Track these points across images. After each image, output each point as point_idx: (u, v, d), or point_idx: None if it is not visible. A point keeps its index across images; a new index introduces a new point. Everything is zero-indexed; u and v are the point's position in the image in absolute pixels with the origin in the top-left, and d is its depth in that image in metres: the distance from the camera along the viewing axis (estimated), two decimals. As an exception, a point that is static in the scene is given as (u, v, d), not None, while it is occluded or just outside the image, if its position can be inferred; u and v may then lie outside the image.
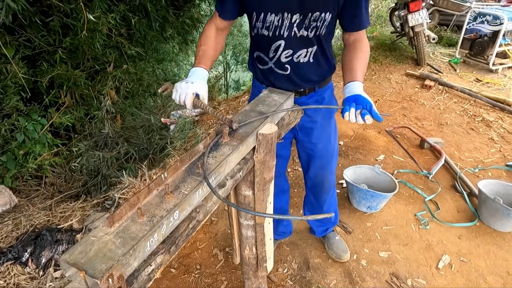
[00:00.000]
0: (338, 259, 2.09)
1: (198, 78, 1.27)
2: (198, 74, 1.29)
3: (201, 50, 1.38)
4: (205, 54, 1.37)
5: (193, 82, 1.23)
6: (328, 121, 1.69)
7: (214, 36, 1.43)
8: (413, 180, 2.80)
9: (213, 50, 1.41)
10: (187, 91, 1.21)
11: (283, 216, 0.86)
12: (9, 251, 2.15)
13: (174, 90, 1.25)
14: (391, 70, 5.09)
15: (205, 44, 1.39)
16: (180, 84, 1.24)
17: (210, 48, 1.40)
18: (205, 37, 1.42)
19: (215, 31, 1.44)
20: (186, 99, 1.20)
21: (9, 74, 2.72)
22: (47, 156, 3.00)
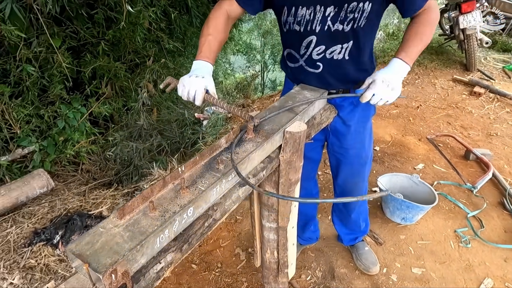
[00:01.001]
0: (366, 271, 1.96)
1: (206, 72, 1.16)
2: (204, 68, 1.18)
3: (207, 41, 1.23)
4: (210, 46, 1.23)
5: (203, 76, 1.13)
6: (363, 126, 1.56)
7: (224, 25, 1.28)
8: (455, 193, 2.59)
9: (219, 42, 1.27)
10: (197, 86, 1.11)
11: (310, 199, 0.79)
12: (43, 232, 2.25)
13: (180, 85, 1.14)
14: (436, 75, 4.78)
15: (212, 34, 1.24)
16: (188, 78, 1.13)
17: (217, 39, 1.25)
18: (213, 25, 1.26)
19: (225, 19, 1.28)
20: (196, 95, 1.11)
21: (55, 63, 2.85)
22: (85, 144, 3.12)
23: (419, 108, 3.90)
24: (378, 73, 1.19)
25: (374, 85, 1.17)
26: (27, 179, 2.48)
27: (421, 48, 1.23)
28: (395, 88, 1.16)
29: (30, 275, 1.97)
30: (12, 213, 2.42)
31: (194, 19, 3.90)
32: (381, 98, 1.17)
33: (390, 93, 1.16)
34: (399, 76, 1.18)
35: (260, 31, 12.45)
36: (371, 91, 1.17)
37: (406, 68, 1.19)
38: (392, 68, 1.19)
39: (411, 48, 1.21)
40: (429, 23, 1.22)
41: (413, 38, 1.22)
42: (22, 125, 2.79)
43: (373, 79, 1.19)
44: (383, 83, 1.16)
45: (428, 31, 1.23)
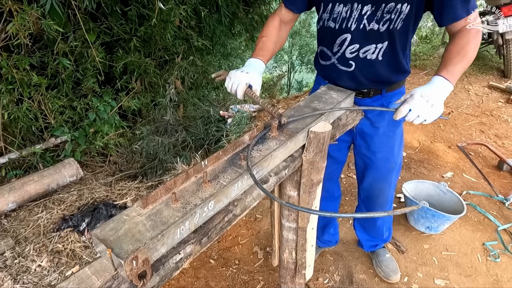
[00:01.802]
0: (386, 279, 1.92)
1: (254, 69, 1.23)
2: (254, 65, 1.26)
3: (261, 42, 1.34)
4: (264, 46, 1.32)
5: (248, 72, 1.19)
6: (393, 130, 1.51)
7: (277, 29, 1.38)
8: (485, 204, 2.47)
9: (273, 43, 1.36)
10: (240, 80, 1.17)
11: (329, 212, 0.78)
12: (70, 219, 2.34)
13: (228, 77, 1.22)
14: (470, 81, 4.59)
15: (266, 36, 1.35)
16: (235, 72, 1.20)
17: (270, 40, 1.35)
18: (267, 29, 1.37)
19: (278, 24, 1.39)
20: (238, 88, 1.17)
21: (89, 58, 2.97)
22: (113, 136, 3.22)
23: (450, 114, 3.76)
24: (418, 88, 1.11)
25: (412, 99, 1.09)
26: (58, 167, 2.60)
27: (465, 66, 1.15)
28: (435, 105, 1.07)
29: (57, 259, 2.06)
30: (44, 199, 2.54)
31: (223, 18, 3.94)
32: (419, 115, 1.08)
33: (429, 110, 1.07)
34: (441, 93, 1.09)
35: (289, 32, 12.38)
36: (407, 106, 1.09)
37: (448, 87, 1.11)
38: (433, 85, 1.11)
39: (453, 66, 1.13)
40: (472, 41, 1.15)
41: (456, 55, 1.14)
42: (56, 116, 2.92)
43: (411, 93, 1.11)
44: (422, 98, 1.07)
45: (472, 49, 1.14)
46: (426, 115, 1.08)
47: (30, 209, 2.46)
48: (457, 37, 1.16)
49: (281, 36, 1.42)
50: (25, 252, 2.09)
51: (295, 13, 1.39)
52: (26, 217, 2.39)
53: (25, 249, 2.11)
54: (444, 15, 1.15)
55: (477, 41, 1.15)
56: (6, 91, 2.59)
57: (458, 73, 1.13)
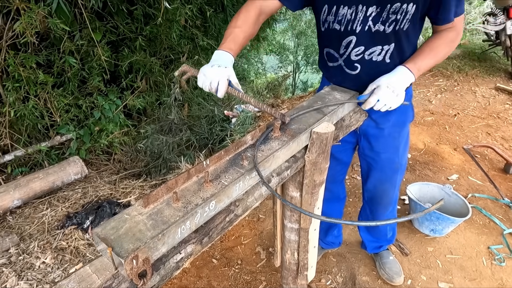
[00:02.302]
0: (390, 281, 1.90)
1: (227, 63, 1.10)
2: (226, 58, 1.12)
3: (233, 33, 1.19)
4: (235, 39, 1.18)
5: (226, 66, 1.07)
6: (399, 132, 1.49)
7: (253, 21, 1.23)
8: (490, 207, 2.45)
9: (245, 36, 1.22)
10: (220, 76, 1.05)
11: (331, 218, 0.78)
12: (75, 217, 2.36)
13: (201, 75, 1.09)
14: (477, 82, 4.54)
15: (240, 27, 1.20)
16: (209, 68, 1.07)
17: (243, 32, 1.21)
18: (245, 18, 1.22)
19: (256, 14, 1.24)
20: (220, 86, 1.06)
21: (95, 56, 2.98)
22: (118, 135, 3.24)
23: (456, 116, 3.73)
24: (382, 78, 1.18)
25: (379, 90, 1.16)
26: (63, 165, 2.62)
27: (432, 64, 1.23)
28: (399, 94, 1.16)
29: (61, 256, 2.08)
30: (48, 196, 2.57)
31: (229, 18, 3.94)
32: (385, 104, 1.16)
33: (394, 99, 1.16)
34: (403, 83, 1.17)
35: (294, 32, 12.38)
36: (375, 97, 1.17)
37: (410, 78, 1.18)
38: (396, 74, 1.18)
39: (421, 61, 1.20)
40: (449, 42, 1.21)
41: (427, 52, 1.21)
42: (62, 114, 2.94)
43: (377, 84, 1.18)
44: (388, 88, 1.15)
45: (445, 49, 1.22)
46: (391, 103, 1.17)
47: (35, 206, 2.48)
48: (437, 35, 1.22)
49: (255, 28, 1.26)
50: (29, 249, 2.10)
51: (286, 6, 1.29)
52: (31, 214, 2.41)
53: (29, 245, 2.13)
54: (440, 15, 1.17)
55: (452, 43, 1.21)
56: (13, 89, 2.61)
57: (423, 68, 1.20)
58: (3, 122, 2.71)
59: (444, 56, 1.23)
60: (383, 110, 1.18)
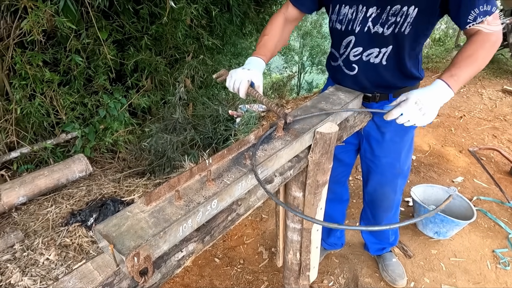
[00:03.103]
0: (392, 283, 1.89)
1: (255, 67, 1.21)
2: (255, 63, 1.23)
3: (263, 40, 1.31)
4: (266, 45, 1.30)
5: (250, 69, 1.18)
6: (401, 136, 1.47)
7: (281, 27, 1.35)
8: (496, 210, 2.42)
9: (275, 42, 1.33)
10: (242, 78, 1.15)
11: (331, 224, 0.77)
12: (79, 214, 2.38)
13: (229, 76, 1.20)
14: (484, 84, 4.51)
15: (269, 34, 1.32)
16: (236, 70, 1.19)
17: (272, 39, 1.32)
18: (271, 27, 1.34)
19: (283, 22, 1.36)
20: (240, 86, 1.15)
21: (101, 55, 3.01)
22: (123, 133, 3.26)
23: (462, 118, 3.70)
24: (415, 92, 1.07)
25: (405, 104, 1.06)
26: (68, 162, 2.64)
27: (473, 73, 1.08)
28: (427, 113, 1.04)
29: (64, 253, 2.09)
30: (53, 194, 2.58)
31: (234, 18, 3.95)
32: (409, 120, 1.06)
33: (420, 118, 1.05)
34: (437, 100, 1.05)
35: (300, 32, 12.36)
36: (399, 110, 1.06)
37: (449, 93, 1.05)
38: (431, 90, 1.06)
39: (459, 71, 1.06)
40: (486, 45, 1.07)
41: (465, 60, 1.07)
42: (68, 112, 2.97)
43: (406, 97, 1.07)
44: (416, 105, 1.04)
45: (484, 54, 1.07)
46: (416, 121, 1.07)
47: (40, 203, 2.50)
48: (472, 40, 1.09)
49: (284, 35, 1.38)
50: (34, 245, 2.12)
51: (302, 11, 1.37)
52: (36, 210, 2.43)
53: (34, 242, 2.14)
54: (462, 17, 1.07)
55: (491, 47, 1.07)
56: (20, 86, 2.64)
57: (463, 78, 1.07)
58: (9, 119, 2.73)
59: (484, 61, 1.08)
60: (406, 125, 1.08)
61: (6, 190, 2.29)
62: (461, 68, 1.06)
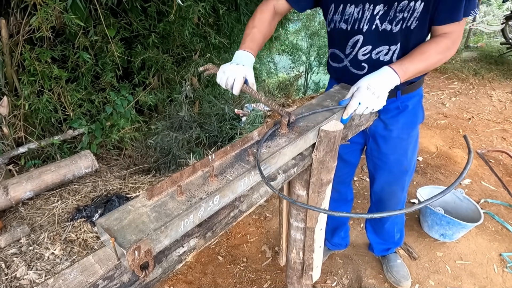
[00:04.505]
0: (396, 284, 1.87)
1: (247, 62, 1.15)
2: (246, 58, 1.17)
3: (251, 33, 1.25)
4: (254, 38, 1.24)
5: (244, 65, 1.12)
6: (408, 133, 1.47)
7: (269, 21, 1.29)
8: (503, 214, 2.39)
9: (263, 35, 1.28)
10: (236, 74, 1.09)
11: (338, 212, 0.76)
12: (84, 210, 2.39)
13: (221, 72, 1.13)
14: (493, 86, 4.44)
15: (257, 27, 1.26)
16: (229, 66, 1.12)
17: (261, 32, 1.26)
18: (260, 19, 1.28)
19: (271, 14, 1.30)
20: (235, 83, 1.09)
21: (109, 52, 3.02)
22: (129, 130, 3.28)
23: (471, 120, 3.65)
24: (363, 79, 1.10)
25: (359, 92, 1.08)
26: (75, 158, 2.66)
27: (421, 69, 1.13)
28: (380, 96, 1.07)
29: (69, 247, 2.11)
30: (59, 189, 2.61)
31: (242, 16, 3.94)
32: (367, 107, 1.08)
33: (375, 102, 1.07)
34: (386, 84, 1.08)
35: (308, 32, 12.32)
36: (356, 100, 1.08)
37: (395, 80, 1.09)
38: (379, 75, 1.10)
39: (409, 64, 1.11)
40: (442, 49, 1.13)
41: (418, 55, 1.13)
42: (75, 108, 2.99)
43: (357, 86, 1.10)
44: (368, 90, 1.07)
45: (438, 56, 1.13)
46: (373, 106, 1.08)
47: (46, 198, 2.52)
48: (431, 40, 1.16)
49: (271, 28, 1.32)
50: (39, 240, 2.14)
51: (294, 8, 1.33)
52: (42, 205, 2.45)
53: (39, 236, 2.17)
54: (438, 17, 1.12)
55: (447, 52, 1.13)
56: (28, 82, 2.67)
57: (411, 72, 1.11)
58: (18, 115, 2.76)
59: (435, 63, 1.15)
60: (366, 113, 1.10)
61: (13, 184, 2.32)
62: (412, 62, 1.12)
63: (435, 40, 1.15)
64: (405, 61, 1.12)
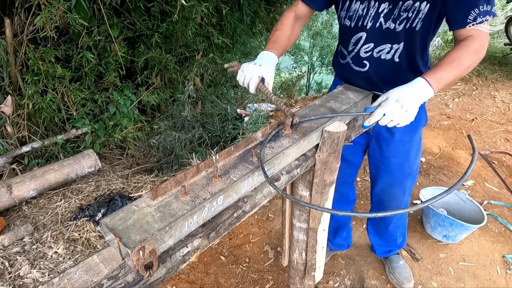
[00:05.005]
0: (399, 286, 1.87)
1: (267, 62, 1.19)
2: (267, 58, 1.21)
3: (275, 35, 1.31)
4: (277, 40, 1.29)
5: (261, 64, 1.16)
6: (410, 136, 1.46)
7: (291, 24, 1.35)
8: (507, 215, 2.38)
9: (287, 38, 1.32)
10: (253, 73, 1.14)
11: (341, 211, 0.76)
12: (87, 209, 2.40)
13: (240, 70, 1.19)
14: (497, 87, 4.42)
15: (280, 30, 1.32)
16: (248, 65, 1.17)
17: (284, 35, 1.32)
18: (282, 23, 1.34)
19: (293, 18, 1.36)
20: (250, 82, 1.14)
21: (112, 52, 3.03)
22: (132, 130, 3.29)
23: (474, 121, 3.64)
24: (395, 90, 1.05)
25: (387, 103, 1.04)
26: (78, 158, 2.67)
27: (455, 77, 1.07)
28: (409, 110, 1.02)
29: (72, 247, 2.12)
30: (63, 188, 2.62)
31: (245, 16, 3.94)
32: (392, 120, 1.03)
33: (403, 116, 1.02)
34: (418, 97, 1.03)
35: (310, 32, 12.32)
36: (381, 110, 1.04)
37: (429, 92, 1.04)
38: (412, 87, 1.04)
39: (442, 73, 1.05)
40: (472, 52, 1.07)
41: (450, 63, 1.06)
42: (78, 108, 3.00)
43: (386, 96, 1.06)
44: (397, 102, 1.02)
45: (469, 60, 1.07)
46: (399, 120, 1.04)
47: (50, 197, 2.53)
48: (459, 45, 1.10)
49: (295, 31, 1.38)
50: (43, 239, 2.15)
51: (312, 8, 1.37)
52: (45, 204, 2.46)
53: (43, 235, 2.18)
54: (461, 16, 1.07)
55: (476, 54, 1.08)
56: (32, 82, 2.68)
57: (445, 81, 1.06)
58: (22, 114, 2.78)
59: (468, 67, 1.09)
60: (390, 125, 1.05)
61: (17, 183, 2.33)
62: (445, 70, 1.06)
63: (463, 44, 1.09)
64: (438, 70, 1.06)
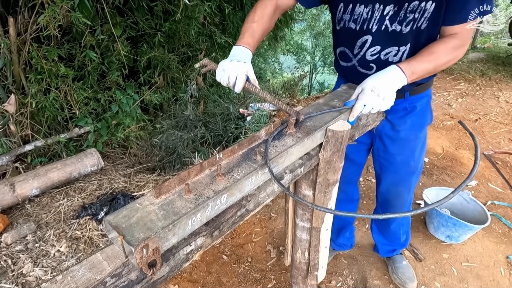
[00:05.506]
0: (402, 286, 1.86)
1: (246, 59, 1.10)
2: (245, 54, 1.12)
3: (251, 28, 1.19)
4: (254, 34, 1.19)
5: (245, 61, 1.07)
6: (416, 135, 1.46)
7: (270, 16, 1.24)
8: (511, 216, 2.36)
9: (263, 31, 1.22)
10: (238, 71, 1.04)
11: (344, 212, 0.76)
12: (90, 207, 2.41)
13: (220, 69, 1.08)
14: (501, 87, 4.40)
15: (257, 22, 1.21)
16: (228, 62, 1.06)
17: (260, 28, 1.21)
18: (260, 14, 1.23)
19: (273, 9, 1.25)
20: (237, 81, 1.04)
21: (115, 51, 3.03)
22: (134, 129, 3.29)
23: (477, 122, 3.62)
24: (368, 80, 1.08)
25: (363, 94, 1.06)
26: (80, 156, 2.67)
27: (429, 70, 1.10)
28: (386, 97, 1.05)
29: (75, 245, 2.12)
30: (65, 187, 2.62)
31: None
32: (373, 108, 1.06)
33: (381, 103, 1.05)
34: (391, 85, 1.05)
35: (313, 32, 12.29)
36: (361, 102, 1.06)
37: (402, 80, 1.07)
38: (385, 75, 1.07)
39: (417, 64, 1.08)
40: (451, 49, 1.10)
41: (426, 56, 1.10)
42: (81, 107, 3.01)
43: (361, 88, 1.08)
44: (373, 92, 1.05)
45: (447, 57, 1.11)
46: (379, 107, 1.07)
47: (53, 195, 2.54)
48: (440, 40, 1.14)
49: (271, 24, 1.27)
50: (45, 237, 2.16)
51: (301, 4, 1.30)
52: (48, 203, 2.47)
53: (45, 234, 2.18)
54: (447, 15, 1.09)
55: (455, 52, 1.11)
56: (35, 80, 2.68)
57: (419, 72, 1.09)
58: (25, 113, 2.78)
59: (444, 63, 1.12)
60: (373, 112, 1.08)
61: (20, 182, 2.34)
62: (420, 61, 1.09)
63: (444, 40, 1.13)
64: (413, 61, 1.10)
